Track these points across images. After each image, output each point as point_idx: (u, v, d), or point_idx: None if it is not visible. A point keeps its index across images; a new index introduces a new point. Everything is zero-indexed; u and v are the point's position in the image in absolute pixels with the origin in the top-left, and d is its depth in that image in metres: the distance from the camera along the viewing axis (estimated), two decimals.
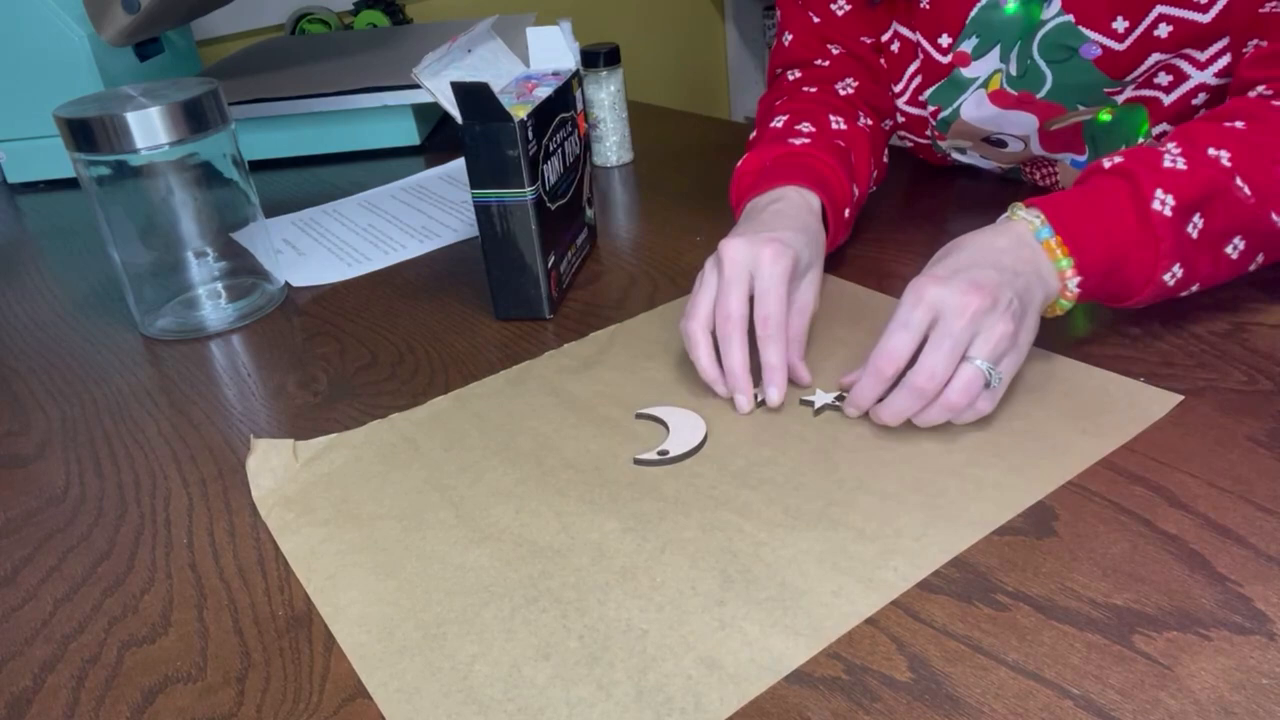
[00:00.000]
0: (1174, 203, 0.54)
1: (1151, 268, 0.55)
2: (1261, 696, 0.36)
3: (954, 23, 0.74)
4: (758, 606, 0.43)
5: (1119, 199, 0.55)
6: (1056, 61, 0.69)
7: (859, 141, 0.75)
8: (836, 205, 0.68)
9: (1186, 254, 0.55)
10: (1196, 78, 0.66)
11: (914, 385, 0.51)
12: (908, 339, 0.51)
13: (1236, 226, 0.56)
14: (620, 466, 0.54)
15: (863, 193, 0.75)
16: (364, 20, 1.63)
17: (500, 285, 0.71)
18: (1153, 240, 0.54)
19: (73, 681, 0.43)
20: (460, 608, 0.45)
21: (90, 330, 0.79)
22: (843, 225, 0.70)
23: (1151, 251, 0.54)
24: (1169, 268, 0.55)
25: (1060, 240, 0.54)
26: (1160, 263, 0.54)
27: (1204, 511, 0.46)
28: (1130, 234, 0.54)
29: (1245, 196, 0.55)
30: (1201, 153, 0.55)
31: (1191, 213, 0.54)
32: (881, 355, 0.52)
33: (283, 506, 0.54)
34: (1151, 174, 0.54)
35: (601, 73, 1.00)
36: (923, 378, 0.50)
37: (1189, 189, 0.54)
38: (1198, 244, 0.55)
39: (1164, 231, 0.54)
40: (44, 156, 1.16)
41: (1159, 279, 0.55)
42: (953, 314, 0.50)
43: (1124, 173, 0.55)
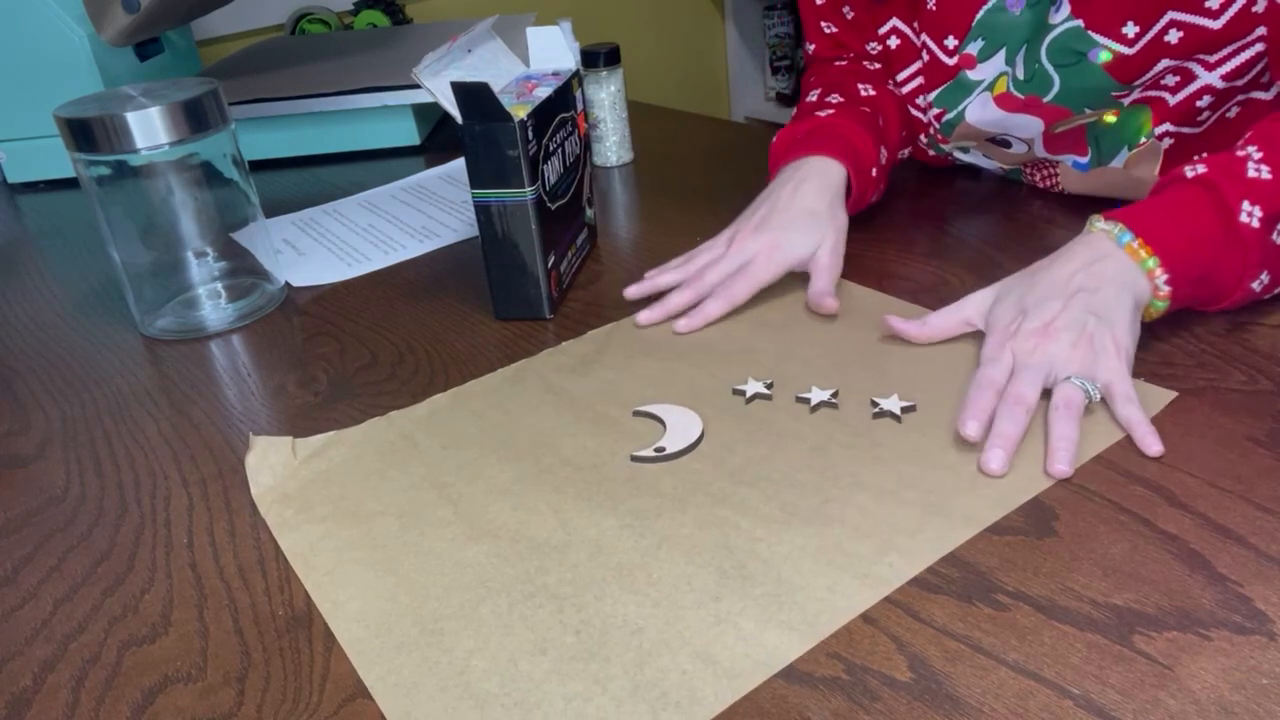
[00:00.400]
0: (1261, 214, 0.54)
1: (1240, 276, 0.56)
2: (1261, 696, 0.36)
3: (960, 25, 0.74)
4: (753, 602, 0.43)
5: (1203, 210, 0.55)
6: (1065, 66, 0.69)
7: (887, 105, 0.80)
8: (862, 166, 0.73)
9: (1273, 261, 0.56)
10: (1204, 79, 0.65)
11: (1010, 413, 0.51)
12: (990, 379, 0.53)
13: None
14: (617, 464, 0.54)
15: (892, 152, 0.80)
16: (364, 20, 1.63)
17: (500, 285, 0.71)
18: (1241, 251, 0.55)
19: (73, 681, 0.43)
20: (458, 603, 0.45)
21: (90, 330, 0.79)
22: (870, 184, 0.75)
23: (1239, 261, 0.55)
24: (1257, 276, 0.56)
25: (1143, 242, 0.55)
26: (1249, 272, 0.55)
27: (1204, 511, 0.46)
28: (1217, 245, 0.55)
29: None
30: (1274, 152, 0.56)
31: (1275, 223, 0.55)
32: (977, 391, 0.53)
33: (281, 504, 0.54)
34: (1236, 185, 0.55)
35: (601, 73, 1.00)
36: (1018, 406, 0.51)
37: (1277, 199, 0.54)
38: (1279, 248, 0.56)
39: (1252, 242, 0.54)
40: (44, 156, 1.16)
41: (1247, 286, 0.56)
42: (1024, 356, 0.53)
43: (1207, 183, 0.56)
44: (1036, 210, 0.80)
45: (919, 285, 0.70)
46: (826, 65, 0.86)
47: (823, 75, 0.84)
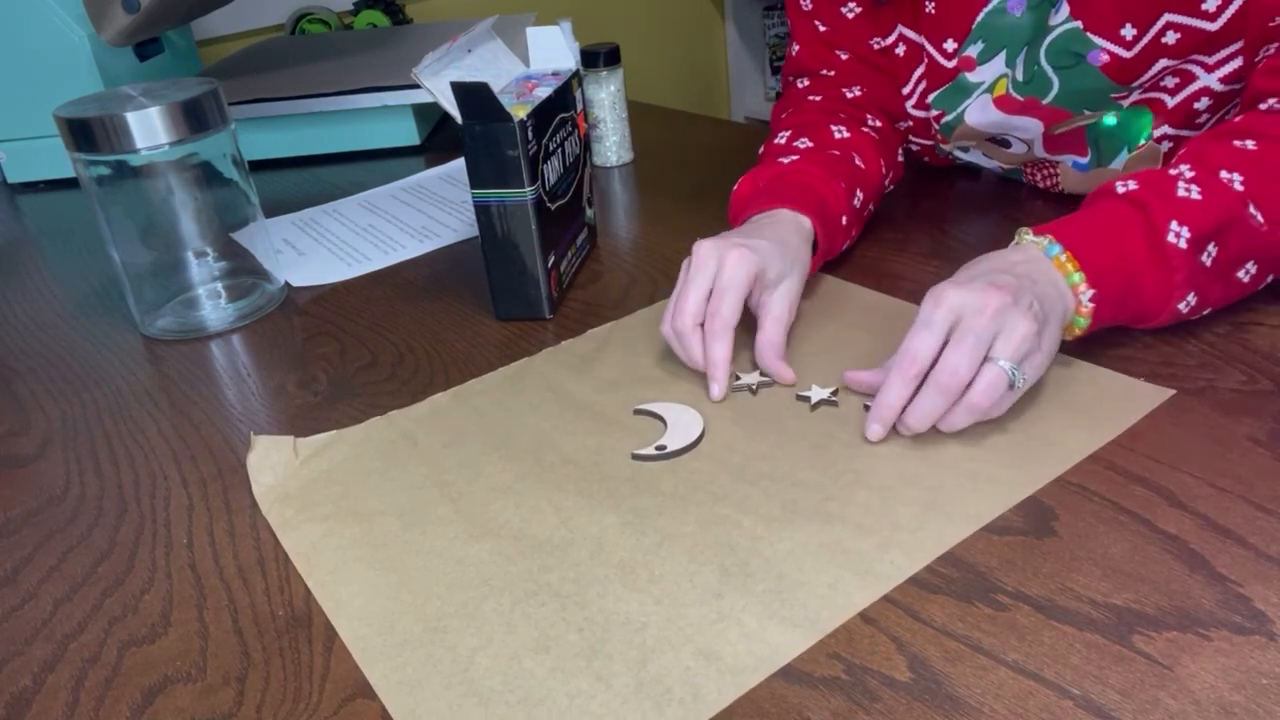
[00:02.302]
0: (1189, 235, 0.53)
1: (1166, 297, 0.55)
2: (1261, 696, 0.36)
3: (960, 27, 0.74)
4: (755, 599, 0.43)
5: (1132, 228, 0.54)
6: (1064, 68, 0.69)
7: (863, 146, 0.75)
8: (829, 216, 0.68)
9: (1200, 283, 0.55)
10: (1203, 80, 0.65)
11: (938, 383, 0.50)
12: (930, 339, 0.51)
13: (1250, 253, 0.56)
14: (619, 462, 0.54)
15: (869, 194, 0.75)
16: (364, 20, 1.63)
17: (500, 285, 0.71)
18: (1167, 271, 0.54)
19: (73, 681, 0.43)
20: (460, 602, 0.45)
21: (90, 330, 0.79)
22: (839, 232, 0.70)
23: (1165, 282, 0.54)
24: (1183, 297, 0.55)
25: (1070, 255, 0.54)
26: (1175, 293, 0.55)
27: (1204, 511, 0.46)
28: (1144, 263, 0.54)
29: (1259, 225, 0.55)
30: (1214, 177, 0.55)
31: (1206, 244, 0.54)
32: (905, 357, 0.51)
33: (283, 503, 0.54)
34: (1165, 204, 0.54)
35: (601, 73, 1.00)
36: (945, 375, 0.50)
37: (1204, 220, 0.54)
38: (1210, 272, 0.55)
39: (1179, 263, 0.54)
40: (44, 156, 1.16)
41: (1173, 308, 0.55)
42: (973, 312, 0.50)
43: (1137, 201, 0.55)
44: (1036, 210, 0.80)
45: (919, 285, 0.70)
46: (800, 100, 0.81)
47: (796, 113, 0.80)
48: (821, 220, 0.67)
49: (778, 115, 0.83)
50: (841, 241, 0.72)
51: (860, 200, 0.73)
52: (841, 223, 0.70)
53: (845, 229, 0.71)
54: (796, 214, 0.66)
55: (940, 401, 0.51)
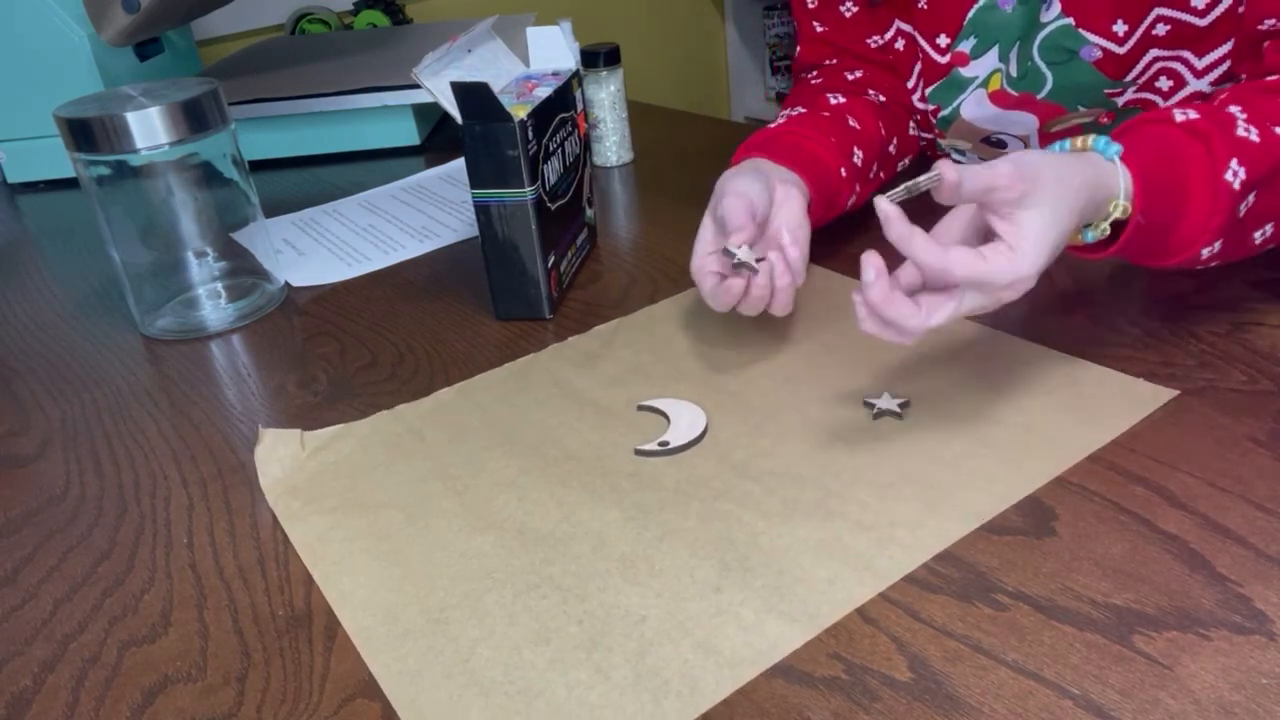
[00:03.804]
0: (1245, 177, 0.51)
1: (1198, 235, 0.52)
2: (1261, 696, 0.36)
3: (952, 22, 0.74)
4: (754, 593, 0.44)
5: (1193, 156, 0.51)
6: (1057, 63, 0.69)
7: (858, 109, 0.76)
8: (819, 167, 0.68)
9: (1230, 230, 0.52)
10: (1194, 85, 0.66)
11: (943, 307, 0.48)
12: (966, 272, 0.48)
13: (1273, 213, 0.54)
14: (621, 457, 0.54)
15: (872, 153, 0.74)
16: (364, 20, 1.63)
17: (500, 285, 0.71)
18: (1211, 210, 0.51)
19: (73, 681, 0.43)
20: (463, 593, 0.46)
21: (90, 330, 0.79)
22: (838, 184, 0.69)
23: (1206, 221, 0.51)
24: (1212, 242, 0.52)
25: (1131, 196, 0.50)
26: (1207, 235, 0.52)
27: (1204, 511, 0.46)
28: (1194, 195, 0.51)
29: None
30: (1269, 128, 0.52)
31: (1250, 190, 0.52)
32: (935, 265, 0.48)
33: (290, 495, 0.54)
34: (1227, 142, 0.51)
35: (601, 73, 1.00)
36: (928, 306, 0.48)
37: (1258, 165, 0.51)
38: (1240, 224, 0.53)
39: (1225, 204, 0.51)
40: (44, 156, 1.16)
41: (1198, 249, 0.52)
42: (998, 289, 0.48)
43: (1198, 132, 0.52)
44: None
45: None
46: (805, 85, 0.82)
47: (795, 96, 0.80)
48: (809, 171, 0.67)
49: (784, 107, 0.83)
50: (846, 195, 0.71)
51: (861, 158, 0.73)
52: (840, 174, 0.70)
53: (846, 181, 0.71)
54: (774, 164, 0.66)
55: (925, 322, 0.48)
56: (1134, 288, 0.66)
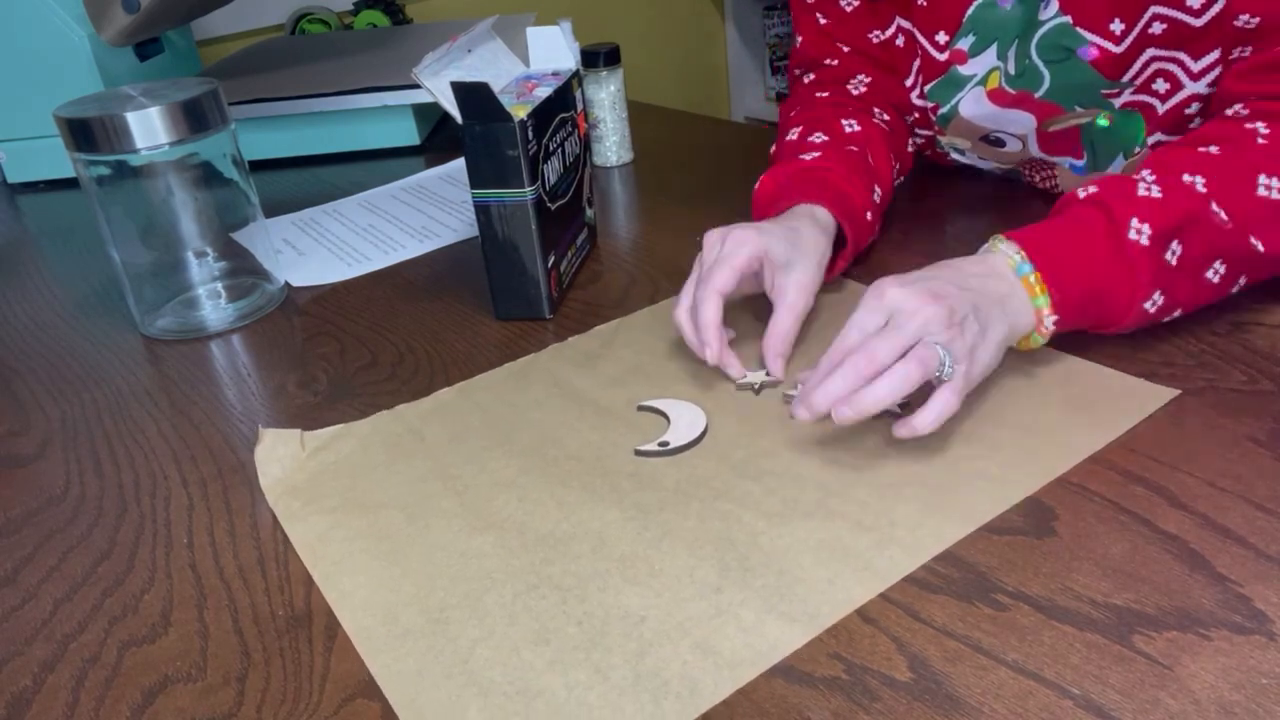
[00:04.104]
0: (1150, 231, 0.53)
1: (1130, 297, 0.54)
2: (1261, 696, 0.36)
3: (951, 20, 0.74)
4: (754, 594, 0.44)
5: (1095, 230, 0.54)
6: (1054, 62, 0.69)
7: (875, 141, 0.76)
8: (854, 212, 0.68)
9: (1165, 281, 0.55)
10: (1190, 88, 0.66)
11: (853, 363, 0.49)
12: (857, 339, 0.51)
13: (1216, 251, 0.56)
14: (621, 457, 0.54)
15: (886, 190, 0.76)
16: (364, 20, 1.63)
17: (500, 285, 0.71)
18: (1130, 271, 0.54)
19: (73, 681, 0.43)
20: (463, 594, 0.46)
21: (90, 330, 0.79)
22: (865, 229, 0.70)
23: (1129, 282, 0.54)
24: (1148, 296, 0.55)
25: (1040, 277, 0.54)
26: (1139, 292, 0.54)
27: (1204, 511, 0.46)
28: (1108, 265, 0.54)
29: (1223, 222, 0.55)
30: (1176, 179, 0.55)
31: (1169, 240, 0.54)
32: (835, 347, 0.52)
33: (290, 495, 0.54)
34: (1126, 204, 0.54)
35: (601, 73, 1.00)
36: (863, 359, 0.49)
37: (1164, 217, 0.54)
38: (1177, 270, 0.55)
39: (1142, 262, 0.54)
40: (44, 156, 1.16)
41: (1139, 307, 0.55)
42: (905, 315, 0.50)
43: (1098, 203, 0.55)
44: (1036, 210, 0.80)
45: None
46: (809, 96, 0.82)
47: (805, 109, 0.80)
48: (846, 214, 0.67)
49: (786, 113, 0.83)
50: (868, 237, 0.72)
51: (880, 196, 0.74)
52: (866, 218, 0.70)
53: (870, 224, 0.72)
54: (812, 206, 0.67)
55: (848, 381, 0.49)
56: None
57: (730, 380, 0.60)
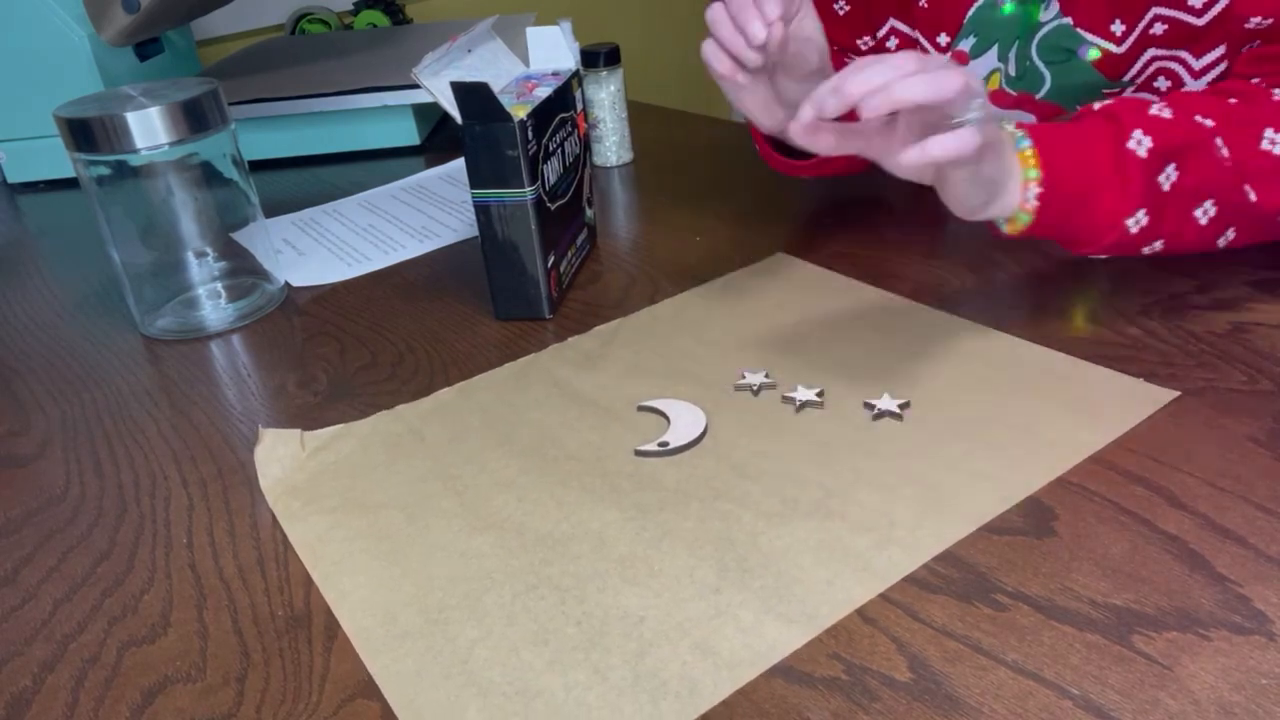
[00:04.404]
0: (1151, 145, 0.54)
1: (1117, 207, 0.55)
2: (1261, 696, 0.36)
3: (952, 22, 0.74)
4: (753, 594, 0.43)
5: (1100, 134, 0.56)
6: (1055, 63, 0.70)
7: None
8: None
9: (1154, 203, 0.55)
10: (1191, 85, 0.66)
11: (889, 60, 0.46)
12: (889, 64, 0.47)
13: (1210, 188, 0.56)
14: (621, 458, 0.54)
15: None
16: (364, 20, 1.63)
17: (500, 285, 0.71)
18: (1123, 180, 0.55)
19: (72, 681, 0.43)
20: (462, 594, 0.46)
21: (90, 330, 0.79)
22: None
23: (1119, 190, 0.55)
24: (1133, 211, 0.55)
25: (1036, 152, 0.54)
26: (1127, 203, 0.55)
27: (1204, 511, 0.46)
28: (1103, 169, 0.55)
29: (1223, 158, 0.55)
30: (1188, 112, 0.56)
31: (1166, 161, 0.55)
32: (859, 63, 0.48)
33: (290, 495, 0.54)
34: (1134, 116, 0.55)
35: (601, 73, 1.00)
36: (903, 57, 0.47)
37: (1167, 136, 0.55)
38: (1168, 196, 0.55)
39: (1135, 172, 0.54)
40: (44, 156, 1.16)
41: (1122, 222, 0.55)
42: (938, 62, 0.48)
43: (1109, 114, 0.57)
44: None
45: (919, 285, 0.70)
46: None
47: None
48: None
49: None
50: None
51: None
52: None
53: None
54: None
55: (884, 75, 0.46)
56: (1134, 288, 0.66)
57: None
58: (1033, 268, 0.71)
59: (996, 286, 0.69)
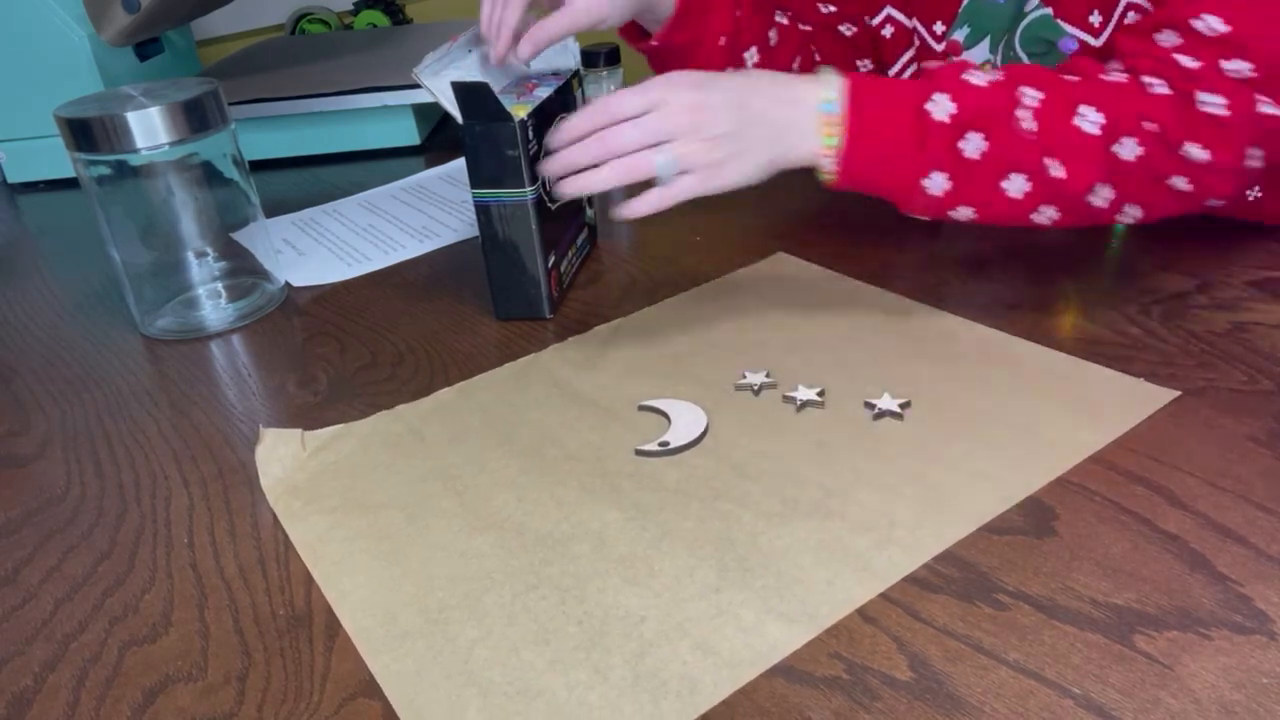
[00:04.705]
0: (952, 110, 0.55)
1: (914, 171, 0.56)
2: (1262, 696, 0.36)
3: (947, 11, 0.74)
4: (754, 594, 0.43)
5: (906, 96, 0.57)
6: (1037, 54, 0.70)
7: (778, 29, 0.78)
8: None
9: (957, 170, 0.56)
10: None
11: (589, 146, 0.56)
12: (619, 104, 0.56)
13: (1014, 160, 0.56)
14: (621, 457, 0.54)
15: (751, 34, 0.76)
16: (364, 20, 1.63)
17: (500, 285, 0.71)
18: (920, 144, 0.55)
19: (73, 681, 0.43)
20: (462, 594, 0.46)
21: (90, 330, 0.79)
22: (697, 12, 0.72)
23: (916, 155, 0.56)
24: (928, 173, 0.56)
25: (842, 119, 0.56)
26: (921, 168, 0.56)
27: (1204, 511, 0.46)
28: (906, 131, 0.56)
29: (1025, 131, 0.56)
30: (1010, 82, 0.57)
31: (966, 129, 0.55)
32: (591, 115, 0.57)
33: (290, 494, 0.54)
34: (945, 82, 0.56)
35: (601, 73, 1.00)
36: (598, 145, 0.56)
37: (969, 102, 0.55)
38: (974, 166, 0.56)
39: (933, 137, 0.55)
40: (44, 156, 1.16)
41: (919, 183, 0.56)
42: (660, 116, 0.56)
43: (928, 74, 0.57)
44: None
45: (919, 285, 0.70)
46: None
47: None
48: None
49: None
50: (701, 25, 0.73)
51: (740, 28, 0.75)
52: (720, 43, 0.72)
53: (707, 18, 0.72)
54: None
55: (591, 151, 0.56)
56: (1134, 287, 0.66)
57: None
58: (1033, 267, 0.71)
59: (996, 286, 0.69)
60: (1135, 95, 0.56)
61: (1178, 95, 0.55)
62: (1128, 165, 0.56)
